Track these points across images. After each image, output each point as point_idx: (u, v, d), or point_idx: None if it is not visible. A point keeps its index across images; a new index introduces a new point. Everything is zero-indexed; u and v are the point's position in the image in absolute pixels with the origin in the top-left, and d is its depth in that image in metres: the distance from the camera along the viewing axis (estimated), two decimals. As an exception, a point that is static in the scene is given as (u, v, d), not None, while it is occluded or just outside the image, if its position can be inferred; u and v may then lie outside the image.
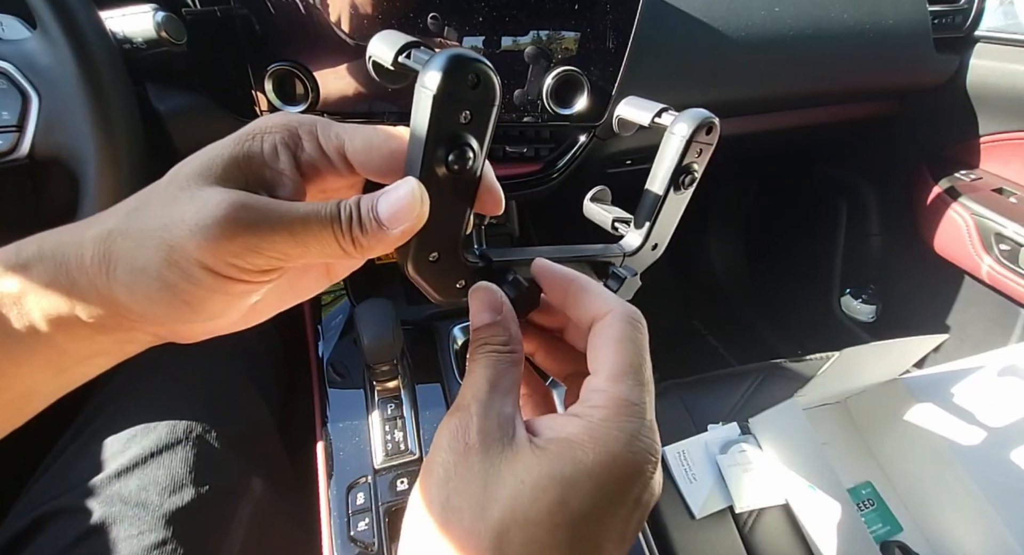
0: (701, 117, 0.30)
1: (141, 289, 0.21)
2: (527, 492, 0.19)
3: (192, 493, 0.48)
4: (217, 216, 0.19)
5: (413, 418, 0.57)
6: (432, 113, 0.20)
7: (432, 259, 0.24)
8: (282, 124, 0.23)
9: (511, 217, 0.76)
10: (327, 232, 0.20)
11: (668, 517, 0.60)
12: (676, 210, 0.32)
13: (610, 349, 0.22)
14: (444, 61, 0.19)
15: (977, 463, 0.60)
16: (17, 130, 0.42)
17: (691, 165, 0.31)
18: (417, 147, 0.21)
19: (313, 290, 0.29)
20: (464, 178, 0.22)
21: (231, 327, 0.26)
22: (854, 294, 1.16)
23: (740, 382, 0.76)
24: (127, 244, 0.21)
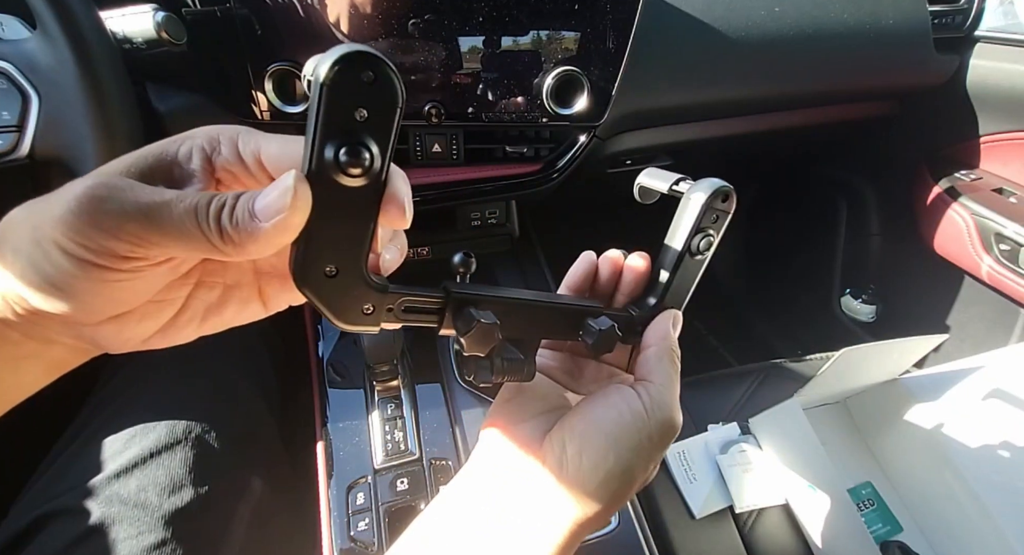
0: (716, 185, 0.31)
1: (16, 270, 0.20)
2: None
3: (192, 493, 0.48)
4: (76, 195, 0.19)
5: (413, 418, 0.57)
6: (319, 104, 0.18)
7: (329, 273, 0.22)
8: (205, 131, 0.23)
9: (511, 217, 0.76)
10: (190, 219, 0.20)
11: (668, 517, 0.60)
12: (693, 274, 0.34)
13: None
14: (338, 53, 0.18)
15: (977, 463, 0.60)
16: (17, 130, 0.42)
17: (707, 230, 0.32)
18: (307, 142, 0.20)
19: (244, 317, 0.27)
20: (365, 184, 0.20)
21: (150, 342, 0.25)
22: (854, 294, 1.16)
23: (740, 382, 0.76)
24: (12, 227, 0.21)
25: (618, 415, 0.28)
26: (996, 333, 0.95)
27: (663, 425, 0.28)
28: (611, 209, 1.30)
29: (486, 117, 0.60)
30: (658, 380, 0.29)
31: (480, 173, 0.66)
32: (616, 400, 0.28)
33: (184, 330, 0.26)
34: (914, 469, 0.66)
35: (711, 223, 0.32)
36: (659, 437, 0.28)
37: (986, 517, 0.57)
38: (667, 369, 0.30)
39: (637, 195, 0.36)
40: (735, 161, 1.22)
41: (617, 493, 0.27)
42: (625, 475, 0.27)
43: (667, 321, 0.32)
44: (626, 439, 0.27)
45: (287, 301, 0.28)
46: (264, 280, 0.27)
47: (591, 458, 0.27)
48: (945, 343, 1.01)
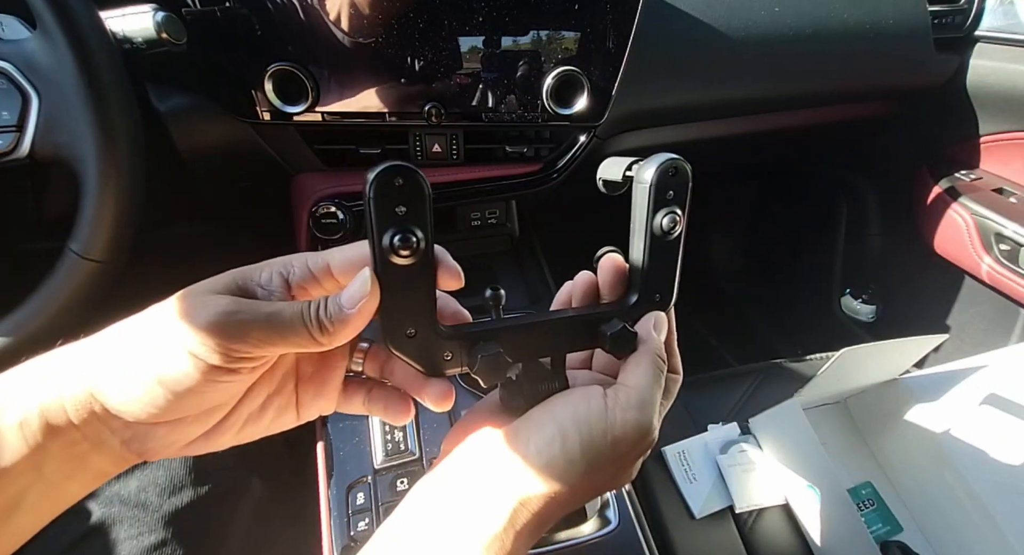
0: (662, 160, 0.29)
1: (129, 369, 0.24)
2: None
3: (191, 494, 0.48)
4: (216, 311, 0.24)
5: (413, 418, 0.57)
6: (372, 210, 0.24)
7: (409, 335, 0.27)
8: (280, 259, 0.28)
9: (511, 217, 0.76)
10: (297, 319, 0.25)
11: (668, 517, 0.60)
12: (670, 256, 0.32)
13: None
14: (376, 170, 0.24)
15: (977, 463, 0.60)
16: (17, 130, 0.42)
17: (669, 207, 0.30)
18: (370, 241, 0.25)
19: (279, 425, 0.31)
20: (418, 262, 0.25)
21: (190, 447, 0.28)
22: (854, 294, 1.16)
23: (740, 382, 0.76)
24: (127, 335, 0.25)
25: (573, 409, 0.28)
26: (996, 333, 0.95)
27: (628, 427, 0.27)
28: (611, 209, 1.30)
29: (486, 117, 0.60)
30: (631, 382, 0.29)
31: (480, 173, 0.66)
32: (576, 396, 0.28)
33: (224, 436, 0.29)
34: (914, 469, 0.66)
35: (670, 200, 0.30)
36: (625, 439, 0.27)
37: (986, 517, 0.57)
38: (644, 373, 0.29)
39: (602, 188, 0.34)
40: (735, 161, 1.22)
41: (564, 481, 0.26)
42: (572, 465, 0.26)
43: (647, 324, 0.31)
44: (576, 431, 0.27)
45: (318, 410, 0.31)
46: (302, 389, 0.31)
47: (536, 442, 0.27)
48: (945, 343, 1.01)
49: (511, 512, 0.26)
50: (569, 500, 0.28)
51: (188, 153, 0.57)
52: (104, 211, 0.43)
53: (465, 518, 0.26)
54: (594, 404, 0.28)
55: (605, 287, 0.33)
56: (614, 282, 0.33)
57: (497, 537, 0.26)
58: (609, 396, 0.28)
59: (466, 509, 0.26)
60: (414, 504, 0.28)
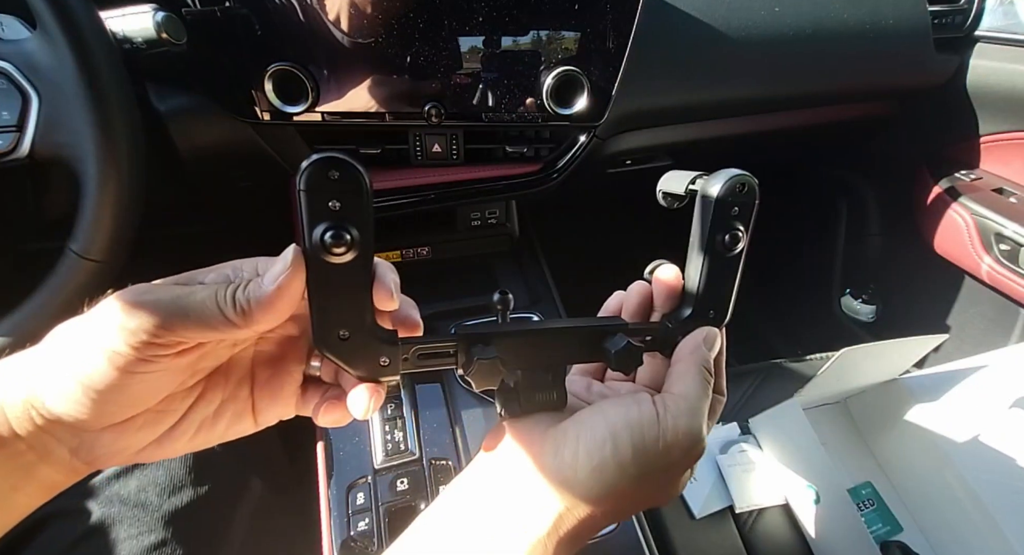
0: (730, 176, 0.28)
1: (55, 375, 0.23)
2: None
3: (191, 494, 0.48)
4: (119, 297, 0.23)
5: (413, 418, 0.57)
6: (301, 204, 0.23)
7: (342, 337, 0.26)
8: (231, 262, 0.27)
9: (511, 217, 0.76)
10: (210, 299, 0.23)
11: (668, 517, 0.60)
12: (729, 273, 0.31)
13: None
14: (306, 162, 0.22)
15: (977, 463, 0.60)
16: (17, 130, 0.42)
17: (731, 224, 0.29)
18: (301, 235, 0.24)
19: (234, 432, 0.30)
20: (353, 261, 0.24)
21: (142, 454, 0.27)
22: (854, 294, 1.16)
23: (740, 382, 0.76)
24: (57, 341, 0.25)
25: (625, 411, 0.27)
26: (996, 333, 0.95)
27: (680, 434, 0.27)
28: (611, 208, 1.30)
29: (486, 117, 0.60)
30: (679, 391, 0.28)
31: (480, 173, 0.66)
32: (628, 400, 0.28)
33: (177, 443, 0.28)
34: (914, 469, 0.66)
35: (733, 216, 0.29)
36: (676, 448, 0.27)
37: (986, 517, 0.57)
38: (692, 382, 0.28)
39: (662, 201, 0.34)
40: (736, 161, 1.22)
41: (614, 489, 0.26)
42: (624, 471, 0.25)
43: (698, 337, 0.30)
44: (628, 434, 0.26)
45: (276, 415, 0.30)
46: (258, 394, 0.29)
47: (586, 444, 0.26)
48: (945, 343, 1.01)
49: (556, 517, 0.25)
50: (616, 510, 0.27)
51: (188, 153, 0.57)
52: (104, 211, 0.43)
53: (510, 519, 0.26)
54: (646, 408, 0.27)
55: (660, 299, 0.32)
56: (669, 295, 0.32)
57: (540, 542, 0.25)
58: (659, 402, 0.28)
59: (512, 510, 0.26)
60: (457, 499, 0.28)
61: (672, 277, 0.32)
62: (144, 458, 0.27)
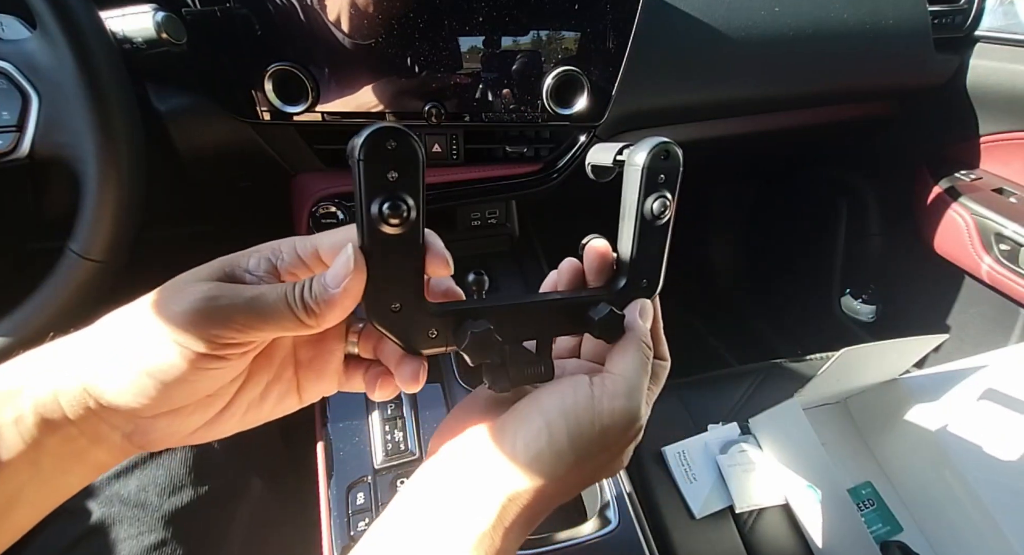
0: (653, 143, 0.29)
1: (115, 364, 0.24)
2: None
3: (191, 493, 0.48)
4: (196, 297, 0.23)
5: (413, 418, 0.57)
6: (360, 175, 0.23)
7: (394, 309, 0.26)
8: (268, 244, 0.27)
9: (511, 217, 0.76)
10: (281, 302, 0.24)
11: (668, 517, 0.60)
12: (659, 241, 0.31)
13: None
14: (366, 132, 0.22)
15: (977, 463, 0.60)
16: (17, 130, 0.42)
17: (659, 192, 0.29)
18: (357, 208, 0.24)
19: (281, 410, 0.30)
20: (407, 232, 0.24)
21: (193, 436, 0.28)
22: (854, 294, 1.16)
23: (740, 382, 0.76)
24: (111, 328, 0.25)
25: (560, 399, 0.27)
26: (996, 333, 0.95)
27: (616, 415, 0.27)
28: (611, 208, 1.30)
29: (486, 117, 0.60)
30: (618, 370, 0.28)
31: (480, 173, 0.66)
32: (563, 386, 0.28)
33: (227, 423, 0.29)
34: (914, 469, 0.66)
35: (660, 184, 0.29)
36: (613, 429, 0.27)
37: (986, 517, 0.57)
38: (631, 360, 0.29)
39: (591, 173, 0.34)
40: (735, 161, 1.22)
41: (553, 474, 0.26)
42: (560, 458, 0.26)
43: (634, 311, 0.30)
44: (563, 422, 0.26)
45: (320, 392, 0.31)
46: (301, 373, 0.30)
47: (524, 436, 0.26)
48: (945, 343, 1.01)
49: (500, 509, 0.26)
50: (559, 492, 0.27)
51: (188, 153, 0.57)
52: (104, 211, 0.43)
53: (454, 517, 0.26)
54: (581, 393, 0.27)
55: (591, 273, 0.32)
56: (599, 268, 0.32)
57: (486, 535, 0.25)
58: (596, 384, 0.28)
59: (455, 508, 0.26)
60: (404, 503, 0.28)
61: (601, 247, 0.32)
62: (195, 440, 0.28)
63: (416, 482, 0.29)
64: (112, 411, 0.24)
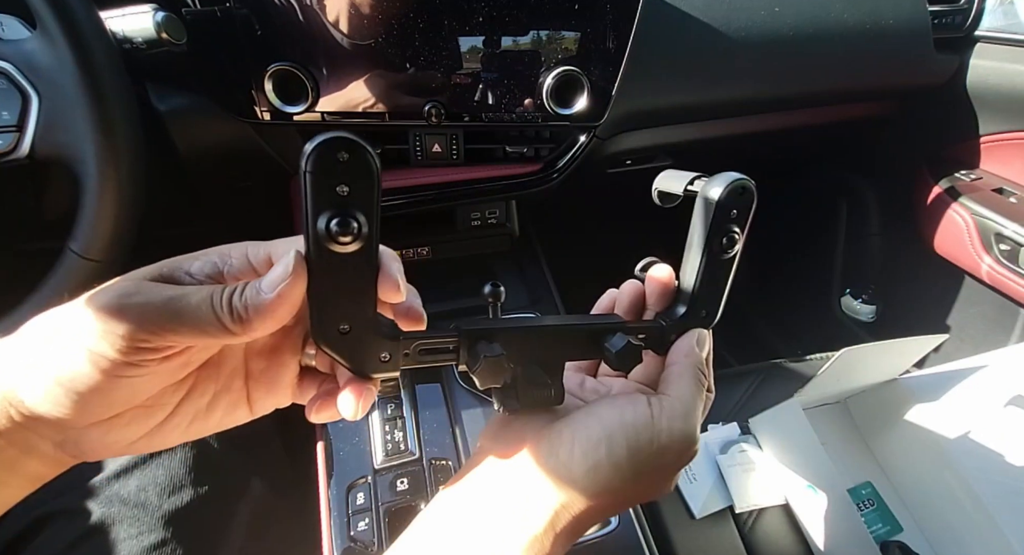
0: (730, 180, 0.29)
1: (31, 373, 0.22)
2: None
3: (191, 493, 0.48)
4: (108, 294, 0.22)
5: (413, 418, 0.57)
6: (307, 187, 0.21)
7: (343, 331, 0.25)
8: (217, 248, 0.26)
9: (511, 217, 0.76)
10: (205, 303, 0.22)
11: (668, 517, 0.60)
12: (723, 274, 0.31)
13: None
14: (316, 141, 0.20)
15: (977, 463, 0.60)
16: (17, 130, 0.42)
17: (728, 227, 0.30)
18: (303, 222, 0.22)
19: (229, 422, 0.29)
20: (359, 249, 0.22)
21: (133, 447, 0.26)
22: (854, 294, 1.16)
23: (740, 382, 0.76)
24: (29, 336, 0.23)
25: (620, 413, 0.27)
26: (996, 333, 0.95)
27: (674, 436, 0.27)
28: (611, 208, 1.30)
29: (486, 117, 0.60)
30: (675, 393, 0.29)
31: (480, 173, 0.66)
32: (623, 402, 0.28)
33: (170, 435, 0.27)
34: (914, 469, 0.66)
35: (731, 220, 0.30)
36: (671, 449, 0.27)
37: (986, 517, 0.57)
38: (687, 385, 0.29)
39: (657, 199, 0.34)
40: (735, 161, 1.22)
41: (608, 487, 0.26)
42: (618, 471, 0.26)
43: (691, 339, 0.31)
44: (623, 436, 0.26)
45: (273, 404, 0.29)
46: (252, 385, 0.28)
47: (582, 445, 0.26)
48: (945, 343, 1.01)
49: (552, 514, 0.26)
50: (611, 506, 0.27)
51: (188, 153, 0.57)
52: (104, 211, 0.43)
53: (507, 518, 0.26)
54: (640, 411, 0.27)
55: (653, 297, 0.33)
56: (663, 293, 0.32)
57: (537, 539, 0.25)
58: (655, 404, 0.28)
59: (508, 509, 0.26)
60: (456, 497, 0.28)
61: (666, 276, 0.32)
62: (136, 450, 0.26)
63: (469, 475, 0.29)
64: (37, 421, 0.23)
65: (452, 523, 0.27)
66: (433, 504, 0.29)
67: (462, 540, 0.26)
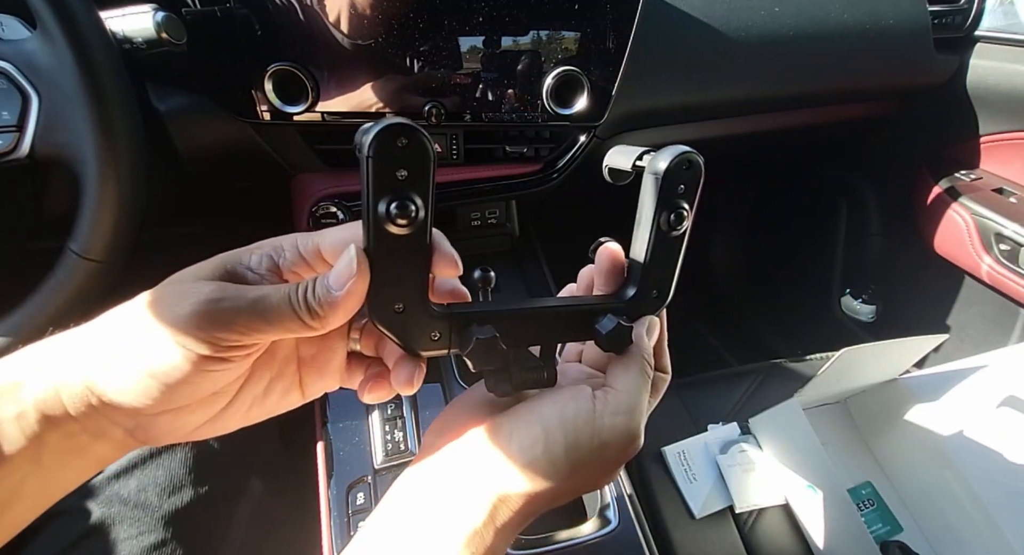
0: (676, 153, 0.28)
1: (118, 364, 0.24)
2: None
3: (191, 493, 0.48)
4: (199, 300, 0.23)
5: (413, 418, 0.57)
6: (369, 172, 0.22)
7: (397, 310, 0.26)
8: (270, 241, 0.27)
9: (511, 217, 0.76)
10: (284, 304, 0.24)
11: (668, 517, 0.60)
12: (673, 252, 0.30)
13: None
14: (376, 128, 0.21)
15: (977, 463, 0.60)
16: (17, 130, 0.42)
17: (676, 203, 0.29)
18: (363, 206, 0.23)
19: (284, 405, 0.30)
20: (414, 233, 0.23)
21: (197, 432, 0.27)
22: (854, 294, 1.16)
23: (740, 382, 0.76)
24: (111, 328, 0.25)
25: (560, 409, 0.27)
26: (996, 333, 0.95)
27: (616, 431, 0.27)
28: (611, 208, 1.30)
29: (486, 117, 0.60)
30: (620, 386, 0.28)
31: (480, 173, 0.66)
32: (565, 396, 0.28)
33: (231, 419, 0.28)
34: (914, 469, 0.66)
35: (678, 195, 0.28)
36: (612, 445, 0.27)
37: (986, 517, 0.57)
38: (633, 378, 0.29)
39: (607, 176, 0.33)
40: (736, 161, 1.22)
41: (546, 481, 0.26)
42: (555, 466, 0.26)
43: (640, 328, 0.30)
44: (562, 432, 0.26)
45: (323, 388, 0.31)
46: (304, 370, 0.30)
47: (519, 440, 0.27)
48: (945, 343, 1.01)
49: (491, 508, 0.26)
50: (550, 499, 0.27)
51: (188, 153, 0.57)
52: (104, 211, 0.43)
53: (446, 513, 0.26)
54: (582, 406, 0.27)
55: (601, 277, 0.32)
56: (610, 273, 0.32)
57: (477, 532, 0.26)
58: (598, 398, 0.28)
59: (447, 504, 0.27)
60: (397, 498, 0.28)
61: (611, 255, 0.32)
62: (200, 435, 0.28)
63: (410, 478, 0.29)
64: (114, 408, 0.24)
65: (398, 518, 0.27)
66: (385, 498, 0.29)
67: (407, 536, 0.26)
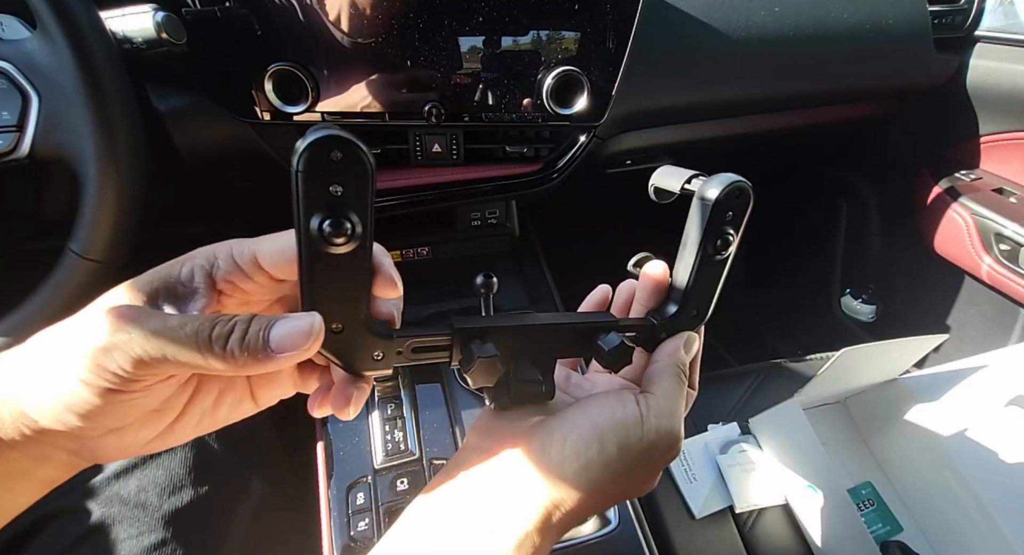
0: (728, 182, 0.28)
1: (36, 397, 0.23)
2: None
3: (191, 494, 0.48)
4: (92, 331, 0.22)
5: (413, 418, 0.57)
6: (299, 188, 0.20)
7: (336, 330, 0.24)
8: (202, 250, 0.26)
9: (511, 217, 0.76)
10: (190, 343, 0.22)
11: (668, 517, 0.60)
12: (715, 275, 0.32)
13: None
14: (306, 139, 0.20)
15: (977, 463, 0.60)
16: (17, 130, 0.42)
17: (723, 229, 0.30)
18: (295, 222, 0.21)
19: (236, 415, 0.29)
20: (353, 250, 0.22)
21: (148, 447, 0.26)
22: (854, 294, 1.16)
23: (740, 382, 0.76)
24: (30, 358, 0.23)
25: (611, 411, 0.28)
26: (996, 333, 0.95)
27: (661, 433, 0.28)
28: (611, 208, 1.30)
29: (486, 117, 0.60)
30: (659, 392, 0.29)
31: (480, 173, 0.66)
32: (612, 400, 0.29)
33: (181, 433, 0.27)
34: (914, 469, 0.66)
35: (726, 221, 0.30)
36: (658, 446, 0.28)
37: (986, 517, 0.57)
38: (670, 384, 0.30)
39: (652, 195, 0.34)
40: (735, 161, 1.22)
41: (599, 485, 0.27)
42: (608, 469, 0.27)
43: (679, 341, 0.32)
44: (614, 434, 0.27)
45: (276, 397, 0.30)
46: (254, 380, 0.29)
47: (574, 444, 0.27)
48: (945, 343, 1.01)
49: (544, 512, 0.26)
50: (600, 502, 0.28)
51: (188, 153, 0.57)
52: (104, 211, 0.43)
53: (498, 515, 0.26)
54: (630, 409, 0.28)
55: (644, 293, 0.33)
56: (654, 291, 0.33)
57: (529, 536, 0.26)
58: (643, 403, 0.28)
59: (499, 506, 0.26)
60: (445, 492, 0.28)
61: (660, 274, 0.33)
62: (152, 449, 0.27)
63: (458, 471, 0.29)
64: (52, 433, 0.23)
65: (442, 518, 0.27)
66: (422, 496, 0.29)
67: (453, 535, 0.26)
